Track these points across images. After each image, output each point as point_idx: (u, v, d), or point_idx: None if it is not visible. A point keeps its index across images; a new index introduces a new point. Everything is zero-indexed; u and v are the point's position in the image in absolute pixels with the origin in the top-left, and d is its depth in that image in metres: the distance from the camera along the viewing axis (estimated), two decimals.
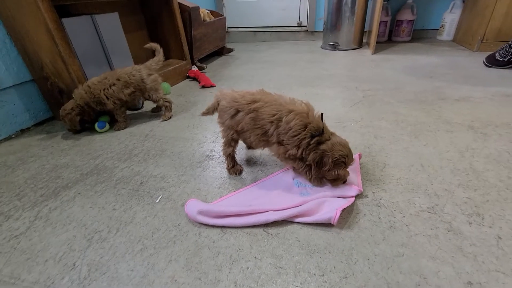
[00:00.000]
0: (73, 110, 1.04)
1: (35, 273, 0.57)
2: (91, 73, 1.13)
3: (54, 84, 1.12)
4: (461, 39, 2.12)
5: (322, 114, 0.70)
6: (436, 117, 1.07)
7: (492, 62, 1.57)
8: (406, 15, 2.28)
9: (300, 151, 0.67)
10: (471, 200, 0.67)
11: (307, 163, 0.69)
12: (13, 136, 1.14)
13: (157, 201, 0.74)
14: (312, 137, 0.66)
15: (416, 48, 2.17)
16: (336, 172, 0.67)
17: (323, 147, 0.67)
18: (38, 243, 0.64)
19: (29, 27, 1.00)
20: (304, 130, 0.66)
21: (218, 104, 0.78)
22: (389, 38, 2.49)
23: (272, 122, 0.68)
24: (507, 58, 1.49)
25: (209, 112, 0.84)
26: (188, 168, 0.87)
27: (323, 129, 0.68)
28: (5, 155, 1.01)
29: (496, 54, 1.55)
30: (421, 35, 2.45)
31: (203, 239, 0.62)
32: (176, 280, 0.53)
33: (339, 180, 0.71)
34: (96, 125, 1.10)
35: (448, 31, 2.25)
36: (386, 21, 2.36)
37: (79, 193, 0.79)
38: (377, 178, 0.76)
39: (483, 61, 1.61)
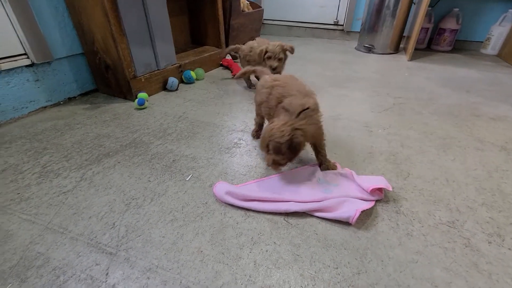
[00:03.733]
0: None
1: (80, 226, 0.64)
2: (136, 52, 1.20)
3: (102, 59, 1.20)
4: (506, 55, 2.00)
5: (307, 108, 0.72)
6: (468, 134, 1.05)
7: None
8: (450, 24, 2.18)
9: None
10: (493, 221, 0.67)
11: None
12: (61, 102, 1.25)
13: (187, 179, 0.80)
14: None
15: (456, 59, 2.08)
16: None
17: None
18: (83, 201, 0.72)
19: (87, 4, 1.08)
20: None
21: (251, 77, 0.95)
22: (428, 46, 2.40)
23: (278, 98, 0.78)
24: None
25: (242, 75, 1.09)
26: (217, 152, 0.92)
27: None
28: (54, 119, 1.12)
29: None
30: (463, 46, 2.34)
31: (227, 219, 0.67)
32: (202, 251, 0.59)
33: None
34: (136, 102, 1.18)
35: (493, 45, 2.14)
36: (428, 28, 2.27)
37: (119, 162, 0.86)
38: (400, 186, 0.78)
39: None
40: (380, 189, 0.74)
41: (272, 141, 0.69)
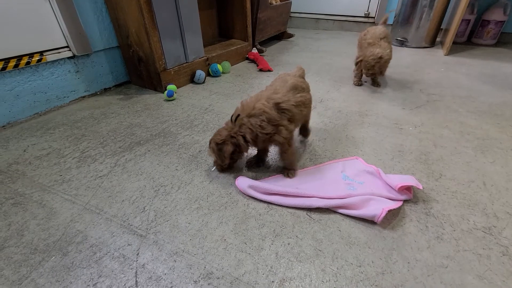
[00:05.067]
0: None
1: (114, 208, 0.69)
2: (167, 46, 1.24)
3: (135, 52, 1.26)
4: None
5: (238, 115, 0.73)
6: (511, 135, 0.97)
7: None
8: (495, 15, 1.99)
9: None
10: None
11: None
12: (98, 93, 1.33)
13: (212, 169, 0.82)
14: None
15: (501, 54, 1.91)
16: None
17: None
18: (117, 185, 0.77)
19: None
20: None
21: None
22: (468, 39, 2.22)
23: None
24: None
25: None
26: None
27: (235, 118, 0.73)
28: (92, 108, 1.19)
29: None
30: (510, 40, 2.14)
31: (250, 210, 0.68)
32: (225, 240, 0.61)
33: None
34: (165, 93, 1.22)
35: None
36: (469, 20, 2.09)
37: (149, 151, 0.91)
38: (430, 187, 0.74)
39: None
40: (409, 189, 0.71)
41: (210, 142, 0.76)
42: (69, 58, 1.18)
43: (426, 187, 0.74)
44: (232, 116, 0.74)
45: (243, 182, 0.74)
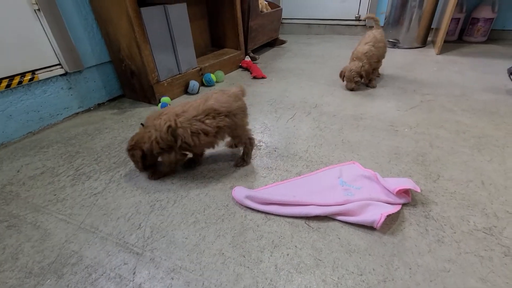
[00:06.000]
0: None
1: (109, 226, 0.68)
2: (159, 58, 1.25)
3: (127, 66, 1.26)
4: None
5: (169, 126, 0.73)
6: (507, 132, 0.96)
7: None
8: (484, 13, 2.02)
9: None
10: None
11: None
12: (91, 108, 1.33)
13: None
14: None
15: (492, 50, 1.92)
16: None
17: None
18: (112, 202, 0.76)
19: (113, 14, 1.14)
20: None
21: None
22: (459, 38, 2.25)
23: None
24: None
25: None
26: (238, 155, 0.93)
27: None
28: (86, 124, 1.19)
29: None
30: (500, 36, 2.16)
31: (248, 222, 0.67)
32: (223, 254, 0.60)
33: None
34: (159, 106, 1.22)
35: None
36: (459, 18, 2.12)
37: None
38: (429, 189, 0.74)
39: None
40: (407, 192, 0.70)
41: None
42: (61, 75, 1.18)
43: (424, 189, 0.74)
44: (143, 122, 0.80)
45: (240, 192, 0.73)
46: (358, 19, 2.57)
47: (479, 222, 0.63)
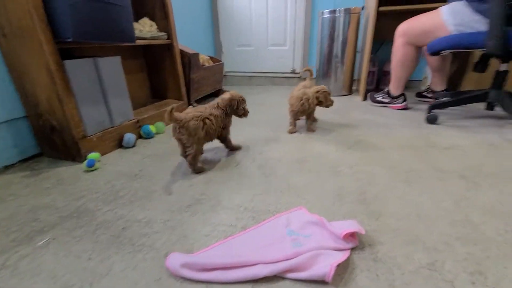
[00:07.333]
0: None
1: None
2: (86, 111, 1.14)
3: (47, 121, 1.11)
4: None
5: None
6: (428, 164, 1.07)
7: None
8: (390, 66, 2.44)
9: None
10: (471, 256, 0.63)
11: None
12: None
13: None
14: None
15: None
16: None
17: None
18: None
19: (30, 67, 1.02)
20: None
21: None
22: (377, 86, 2.64)
23: None
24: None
25: None
26: (176, 212, 0.83)
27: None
28: None
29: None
30: (407, 85, 2.60)
31: None
32: None
33: None
34: (84, 164, 1.07)
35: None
36: (374, 71, 2.52)
37: (54, 239, 0.72)
38: (373, 229, 0.73)
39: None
40: (353, 235, 0.69)
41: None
42: None
43: (369, 229, 0.73)
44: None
45: (175, 260, 0.62)
46: (293, 71, 2.87)
47: (422, 258, 0.63)
